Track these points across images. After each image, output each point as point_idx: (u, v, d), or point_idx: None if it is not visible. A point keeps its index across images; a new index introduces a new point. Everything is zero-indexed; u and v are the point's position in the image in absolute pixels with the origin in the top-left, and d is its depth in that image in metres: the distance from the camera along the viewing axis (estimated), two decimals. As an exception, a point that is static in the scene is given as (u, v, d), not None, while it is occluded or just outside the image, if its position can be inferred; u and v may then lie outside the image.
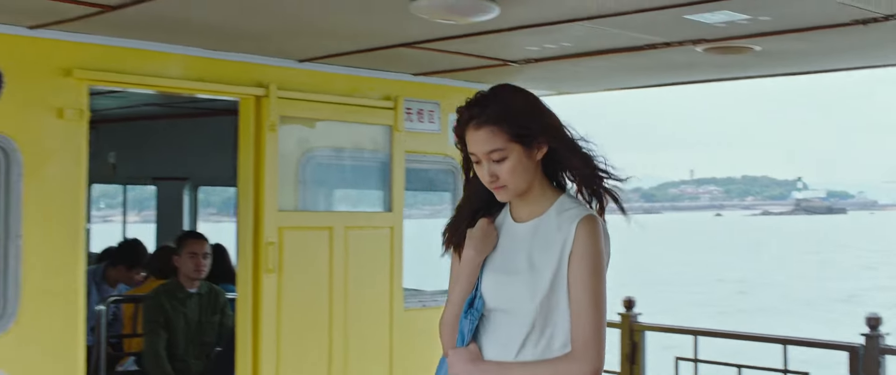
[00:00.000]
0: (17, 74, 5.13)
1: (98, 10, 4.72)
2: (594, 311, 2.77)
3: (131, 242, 8.50)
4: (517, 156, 2.83)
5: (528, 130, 2.83)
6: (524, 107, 2.87)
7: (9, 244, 5.12)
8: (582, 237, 2.79)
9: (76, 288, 5.34)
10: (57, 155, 5.29)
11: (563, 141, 2.89)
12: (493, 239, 2.95)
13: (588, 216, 2.83)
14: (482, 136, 2.83)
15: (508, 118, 2.81)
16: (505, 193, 2.89)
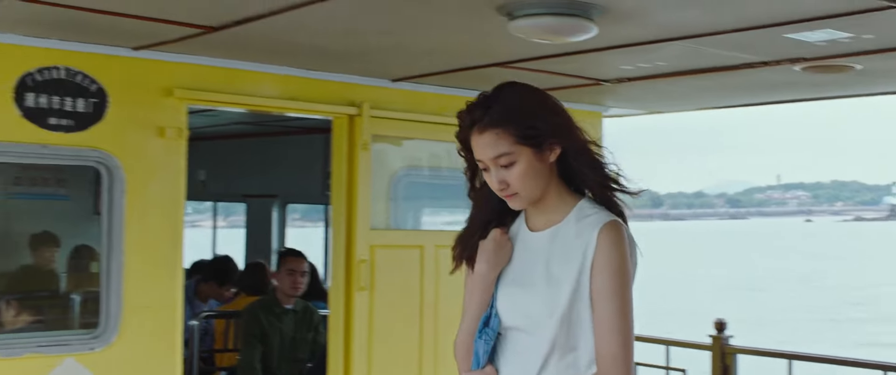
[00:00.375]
0: (120, 94, 5.27)
1: (200, 31, 4.82)
2: (621, 324, 2.52)
3: (222, 259, 8.64)
4: (527, 159, 2.59)
5: (536, 131, 2.58)
6: (531, 105, 2.63)
7: (111, 259, 5.25)
8: (604, 244, 2.55)
9: (174, 303, 5.44)
10: (157, 172, 5.41)
11: (573, 143, 2.65)
12: (507, 251, 2.72)
13: (611, 221, 2.59)
14: (487, 140, 2.59)
15: (514, 119, 2.58)
16: (517, 201, 2.65)
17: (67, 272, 7.13)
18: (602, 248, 2.55)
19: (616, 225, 2.59)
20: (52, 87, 5.07)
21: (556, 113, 2.64)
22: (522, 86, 2.70)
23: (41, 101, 5.04)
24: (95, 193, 8.15)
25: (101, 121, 5.20)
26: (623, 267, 2.56)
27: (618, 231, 2.58)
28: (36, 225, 7.21)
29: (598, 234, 2.56)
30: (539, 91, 2.69)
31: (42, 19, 4.68)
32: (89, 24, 4.78)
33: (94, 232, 7.82)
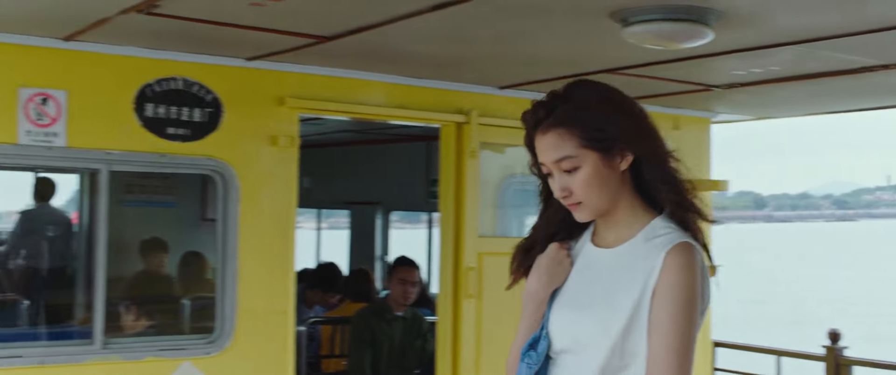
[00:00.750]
0: (234, 104, 5.37)
1: (313, 41, 4.88)
2: (677, 363, 2.22)
3: (328, 266, 8.76)
4: (592, 164, 2.34)
5: (604, 133, 2.33)
6: (601, 105, 2.36)
7: (226, 265, 5.35)
8: (671, 268, 2.27)
9: (287, 309, 5.52)
10: (270, 180, 5.50)
11: (649, 151, 2.37)
12: (563, 268, 2.47)
13: (682, 244, 2.30)
14: (550, 142, 2.36)
15: (580, 119, 2.34)
16: (582, 211, 2.40)
17: (178, 277, 7.32)
18: (667, 273, 2.27)
19: (688, 247, 2.30)
20: (169, 98, 5.20)
21: (632, 116, 2.38)
22: (596, 85, 2.44)
23: (159, 112, 5.17)
24: (202, 200, 8.37)
25: (216, 130, 5.31)
26: (689, 297, 2.26)
27: (689, 254, 2.29)
28: (146, 232, 7.42)
29: (665, 257, 2.29)
30: (615, 91, 2.43)
31: (160, 32, 4.80)
32: (205, 36, 4.89)
33: (201, 238, 8.04)
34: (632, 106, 2.41)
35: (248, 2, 4.12)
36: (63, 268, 7.92)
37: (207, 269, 7.29)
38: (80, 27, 4.66)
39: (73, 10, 4.41)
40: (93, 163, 5.06)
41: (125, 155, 5.10)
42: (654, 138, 2.40)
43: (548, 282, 2.46)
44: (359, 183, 9.88)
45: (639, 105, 2.42)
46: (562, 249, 2.49)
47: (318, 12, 4.44)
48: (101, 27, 4.61)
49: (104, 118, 5.04)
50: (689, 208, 2.37)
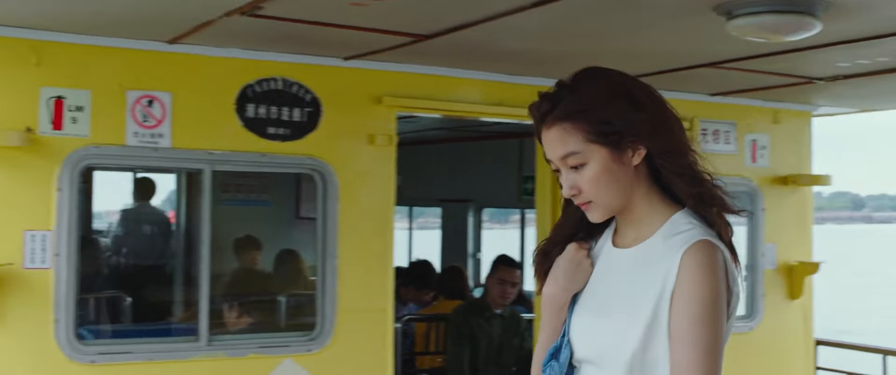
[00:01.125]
0: (333, 103, 5.42)
1: (411, 39, 4.90)
2: (703, 370, 2.03)
3: (421, 264, 8.79)
4: (601, 160, 2.16)
5: (611, 127, 2.14)
6: (610, 96, 2.16)
7: (326, 264, 5.40)
8: (689, 269, 2.08)
9: (386, 306, 5.56)
10: (368, 178, 5.54)
11: (662, 144, 2.17)
12: (583, 270, 2.29)
13: (701, 241, 2.11)
14: (554, 137, 2.18)
15: (586, 112, 2.15)
16: (593, 210, 2.22)
17: (274, 275, 7.42)
18: (686, 273, 2.08)
19: (708, 245, 2.11)
20: (270, 98, 5.27)
21: (643, 106, 2.17)
22: (606, 74, 2.23)
23: (260, 112, 5.24)
24: (296, 199, 8.47)
25: (315, 130, 5.37)
26: (712, 298, 2.07)
27: (709, 252, 2.10)
28: (241, 230, 7.54)
29: (683, 256, 2.10)
30: (627, 79, 2.23)
31: (261, 33, 4.86)
32: (304, 36, 4.94)
33: (295, 236, 8.14)
34: (645, 95, 2.20)
35: (348, 1, 4.15)
36: (162, 266, 8.10)
37: (303, 267, 7.39)
38: (184, 30, 4.75)
39: (178, 13, 4.49)
40: (196, 163, 5.16)
41: (227, 155, 5.18)
42: (668, 129, 2.19)
43: (566, 286, 2.29)
44: (450, 180, 9.90)
45: (655, 94, 2.23)
46: (580, 250, 2.31)
47: (419, 11, 4.46)
48: (205, 29, 4.69)
49: (207, 119, 5.13)
50: (711, 201, 2.17)
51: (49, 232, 4.75)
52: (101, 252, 7.98)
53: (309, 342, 5.36)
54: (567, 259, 2.30)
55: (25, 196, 4.74)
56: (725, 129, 6.67)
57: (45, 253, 4.75)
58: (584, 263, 2.29)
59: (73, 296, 4.79)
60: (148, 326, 6.36)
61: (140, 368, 4.95)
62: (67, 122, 4.78)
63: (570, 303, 2.29)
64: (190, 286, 6.74)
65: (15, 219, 4.71)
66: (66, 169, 4.76)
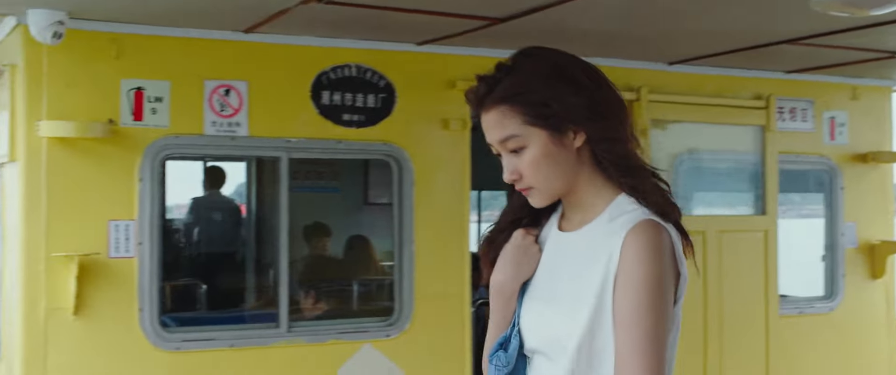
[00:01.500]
0: (406, 88, 5.42)
1: (485, 23, 4.88)
2: (645, 362, 1.93)
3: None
4: (541, 144, 2.05)
5: (549, 109, 2.03)
6: (548, 77, 2.05)
7: (403, 249, 5.41)
8: (631, 250, 1.97)
9: (463, 291, 5.55)
10: (443, 163, 5.54)
11: (600, 130, 2.07)
12: (530, 257, 2.17)
13: (644, 222, 2.00)
14: (492, 120, 2.09)
15: (523, 94, 2.04)
16: (534, 195, 2.11)
17: (345, 261, 7.45)
18: (628, 255, 1.97)
19: (651, 225, 1.99)
20: (344, 85, 5.28)
21: (582, 89, 2.06)
22: (547, 54, 2.11)
23: (335, 99, 5.26)
24: (365, 185, 8.48)
25: (389, 116, 5.37)
26: (655, 280, 1.95)
27: (652, 233, 1.98)
28: (311, 217, 7.57)
29: (626, 237, 1.99)
30: (569, 59, 2.11)
31: (335, 20, 4.88)
32: (378, 22, 4.95)
33: (364, 222, 8.15)
34: (586, 76, 2.08)
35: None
36: (234, 254, 8.18)
37: (373, 252, 7.42)
38: (260, 19, 4.78)
39: (255, 2, 4.52)
40: (273, 151, 5.19)
41: (303, 142, 5.21)
42: (609, 114, 2.08)
43: (514, 274, 2.17)
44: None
45: (598, 75, 2.11)
46: (527, 236, 2.19)
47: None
48: (280, 18, 4.71)
49: (283, 107, 5.16)
50: (645, 194, 2.06)
51: (132, 222, 4.82)
52: (178, 240, 8.09)
53: (387, 327, 5.38)
54: (513, 245, 2.18)
55: (109, 186, 4.81)
56: (802, 107, 6.56)
57: (128, 243, 4.82)
58: (531, 249, 2.18)
59: (157, 284, 4.86)
60: (226, 313, 6.43)
61: (222, 354, 5.01)
62: (147, 113, 4.84)
63: (519, 292, 2.18)
64: (264, 273, 6.82)
65: (100, 210, 4.78)
66: (147, 159, 4.82)
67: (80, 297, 4.69)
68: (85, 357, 4.77)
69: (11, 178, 4.88)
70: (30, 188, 4.67)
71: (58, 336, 4.70)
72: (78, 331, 4.73)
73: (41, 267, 4.66)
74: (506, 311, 2.18)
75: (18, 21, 4.64)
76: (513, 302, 2.17)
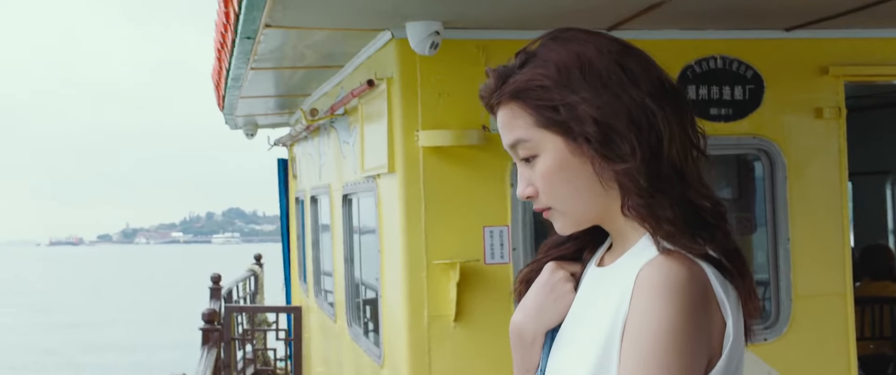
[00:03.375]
0: (775, 78, 5.14)
1: (868, 1, 4.51)
2: None
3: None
4: (555, 152, 1.63)
5: (558, 114, 1.61)
6: (568, 69, 1.61)
7: (778, 248, 5.12)
8: (642, 293, 1.53)
9: (844, 290, 5.19)
10: (817, 155, 5.20)
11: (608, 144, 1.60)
12: (560, 296, 1.73)
13: (663, 256, 1.55)
14: (502, 120, 1.69)
15: (533, 90, 1.63)
16: (557, 219, 1.70)
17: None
18: (638, 300, 1.53)
19: (670, 261, 1.54)
20: (710, 78, 5.07)
21: (610, 84, 1.61)
22: (576, 38, 1.67)
23: (701, 93, 5.05)
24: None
25: (759, 108, 5.10)
26: (668, 333, 1.49)
27: (672, 271, 1.53)
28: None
29: (639, 275, 1.55)
30: (605, 47, 1.66)
31: (702, 11, 4.68)
32: (746, 9, 4.70)
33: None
34: (621, 68, 1.64)
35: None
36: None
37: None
38: (629, 14, 4.65)
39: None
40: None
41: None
42: (651, 116, 1.60)
43: (536, 316, 1.75)
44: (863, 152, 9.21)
45: (644, 64, 1.68)
46: (559, 270, 1.76)
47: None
48: (650, 13, 4.57)
49: (649, 104, 5.01)
50: (662, 219, 1.58)
51: (506, 227, 4.83)
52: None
53: (764, 331, 5.11)
54: (541, 283, 1.76)
55: (482, 193, 4.84)
56: None
57: (503, 248, 4.83)
58: (562, 288, 1.74)
59: (533, 290, 4.82)
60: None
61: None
62: (516, 118, 4.82)
63: (547, 338, 1.76)
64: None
65: (475, 216, 4.82)
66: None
67: (460, 304, 4.74)
68: (467, 365, 4.82)
69: (389, 189, 5.01)
70: (410, 197, 4.78)
71: (440, 344, 4.77)
72: (459, 338, 4.79)
73: (423, 275, 4.75)
74: (527, 361, 1.77)
75: (393, 35, 4.75)
76: (535, 351, 1.76)
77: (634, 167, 1.57)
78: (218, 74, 7.52)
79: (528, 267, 1.84)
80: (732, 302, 1.56)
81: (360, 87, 5.16)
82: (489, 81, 1.70)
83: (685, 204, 1.58)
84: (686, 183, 1.60)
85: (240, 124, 10.25)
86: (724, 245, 1.59)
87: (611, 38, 1.69)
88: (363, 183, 5.64)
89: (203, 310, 8.07)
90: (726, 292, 1.55)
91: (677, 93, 1.70)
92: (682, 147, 1.62)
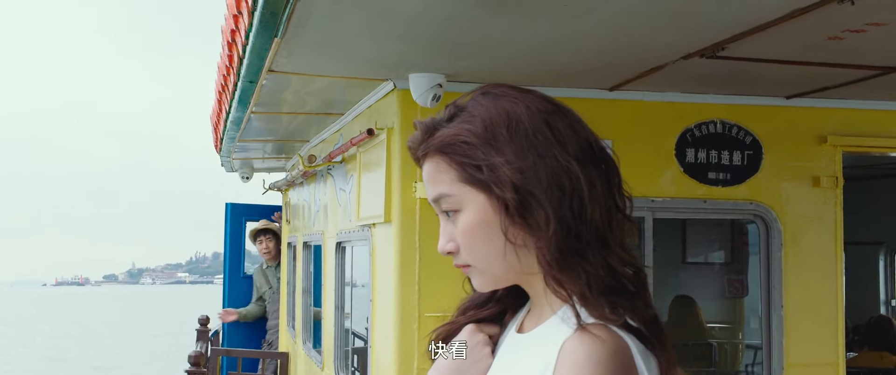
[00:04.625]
0: (773, 144, 5.15)
1: (876, 72, 4.54)
2: None
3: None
4: (477, 209, 1.59)
5: (480, 173, 1.57)
6: (497, 127, 1.58)
7: (772, 314, 5.11)
8: (565, 372, 1.47)
9: (837, 360, 5.16)
10: (813, 223, 5.20)
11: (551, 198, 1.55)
12: (477, 361, 1.67)
13: (584, 334, 1.49)
14: (426, 173, 1.66)
15: (458, 145, 1.59)
16: (476, 276, 1.65)
17: (671, 322, 7.19)
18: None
19: (593, 339, 1.48)
20: (709, 142, 5.08)
21: (536, 144, 1.56)
22: (505, 94, 1.63)
23: (700, 156, 5.06)
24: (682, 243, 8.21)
25: (756, 173, 5.11)
26: None
27: (595, 348, 1.47)
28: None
29: (561, 350, 1.50)
30: (532, 103, 1.61)
31: (704, 75, 4.70)
32: (749, 76, 4.73)
33: (682, 281, 7.87)
34: (543, 131, 1.58)
35: (824, 36, 3.89)
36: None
37: (700, 313, 7.14)
38: (630, 76, 4.68)
39: (630, 60, 4.42)
40: (638, 212, 5.02)
41: (668, 202, 5.05)
42: (575, 178, 1.55)
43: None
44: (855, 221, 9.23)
45: (564, 128, 1.61)
46: (476, 334, 1.71)
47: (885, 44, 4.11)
48: (651, 75, 4.59)
49: (647, 165, 5.02)
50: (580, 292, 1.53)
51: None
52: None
53: (755, 397, 5.08)
54: (455, 349, 1.70)
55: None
56: None
57: (496, 304, 4.79)
58: (479, 352, 1.68)
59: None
60: None
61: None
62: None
63: None
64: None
65: (469, 270, 4.79)
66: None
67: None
68: (455, 418, 4.76)
69: (384, 238, 5.00)
70: (405, 248, 4.76)
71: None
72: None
73: (415, 327, 4.72)
74: None
75: (395, 85, 4.77)
76: None
77: (546, 237, 1.53)
78: (217, 116, 7.53)
79: (447, 326, 1.77)
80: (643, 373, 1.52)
81: (359, 136, 5.17)
82: (416, 133, 1.66)
83: (606, 270, 1.53)
84: (608, 248, 1.55)
85: (236, 167, 10.24)
86: (643, 314, 1.54)
87: (542, 96, 1.64)
88: (358, 231, 5.62)
89: (189, 353, 8.00)
90: (648, 364, 1.51)
91: (605, 156, 1.66)
92: (606, 211, 1.57)
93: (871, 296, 9.07)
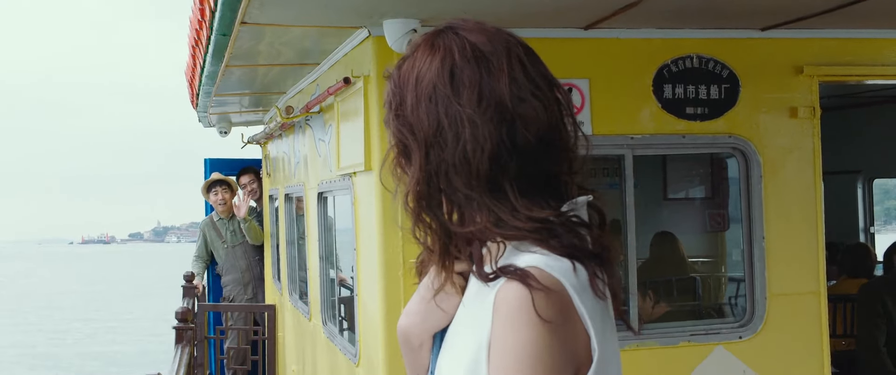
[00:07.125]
0: (750, 77, 5.15)
1: (846, 2, 4.53)
2: None
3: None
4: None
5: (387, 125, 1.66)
6: (406, 80, 1.64)
7: (753, 247, 5.14)
8: (500, 321, 1.48)
9: (818, 288, 5.22)
10: (791, 154, 5.22)
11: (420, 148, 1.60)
12: (446, 298, 1.66)
13: (516, 277, 1.48)
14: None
15: (386, 99, 1.68)
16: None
17: (652, 258, 7.24)
18: (498, 327, 1.48)
19: (524, 286, 1.46)
20: (686, 77, 5.08)
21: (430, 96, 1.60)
22: (442, 43, 1.67)
23: (678, 92, 5.06)
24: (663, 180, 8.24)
25: (734, 107, 5.12)
26: (530, 356, 1.44)
27: (526, 296, 1.45)
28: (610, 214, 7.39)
29: (495, 297, 1.49)
30: (464, 49, 1.64)
31: (678, 10, 4.68)
32: (723, 8, 4.72)
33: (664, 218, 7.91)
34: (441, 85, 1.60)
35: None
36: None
37: (682, 249, 7.17)
38: (605, 14, 4.65)
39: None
40: (617, 149, 5.06)
41: (646, 138, 5.05)
42: (442, 136, 1.57)
43: (421, 321, 1.69)
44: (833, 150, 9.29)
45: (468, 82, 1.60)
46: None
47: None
48: (626, 12, 4.57)
49: (625, 103, 5.02)
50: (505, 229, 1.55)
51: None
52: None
53: (739, 328, 5.14)
54: (425, 285, 1.71)
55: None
56: None
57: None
58: (450, 288, 1.65)
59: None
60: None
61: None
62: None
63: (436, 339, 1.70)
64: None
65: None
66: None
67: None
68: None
69: (366, 187, 4.99)
70: (387, 196, 4.75)
71: (417, 341, 4.75)
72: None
73: (400, 274, 4.73)
74: (416, 365, 1.72)
75: (370, 32, 4.73)
76: (424, 355, 1.71)
77: (412, 183, 1.59)
78: (192, 72, 7.47)
79: (423, 255, 1.78)
80: (595, 310, 1.52)
81: (336, 85, 5.14)
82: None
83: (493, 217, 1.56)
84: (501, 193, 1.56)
85: (213, 122, 10.19)
86: (592, 248, 1.56)
87: (486, 38, 1.68)
88: (339, 181, 5.61)
89: (176, 309, 8.01)
90: (584, 300, 1.50)
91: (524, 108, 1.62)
92: (500, 159, 1.57)
93: (850, 224, 9.15)
